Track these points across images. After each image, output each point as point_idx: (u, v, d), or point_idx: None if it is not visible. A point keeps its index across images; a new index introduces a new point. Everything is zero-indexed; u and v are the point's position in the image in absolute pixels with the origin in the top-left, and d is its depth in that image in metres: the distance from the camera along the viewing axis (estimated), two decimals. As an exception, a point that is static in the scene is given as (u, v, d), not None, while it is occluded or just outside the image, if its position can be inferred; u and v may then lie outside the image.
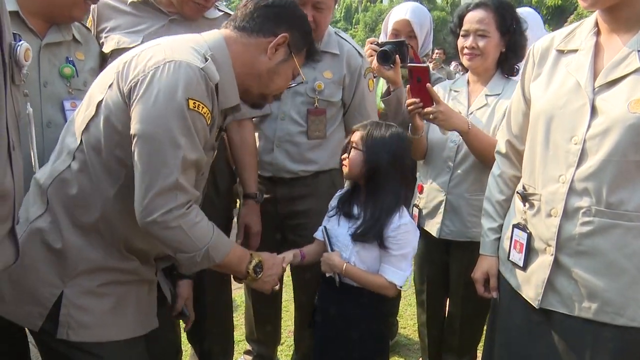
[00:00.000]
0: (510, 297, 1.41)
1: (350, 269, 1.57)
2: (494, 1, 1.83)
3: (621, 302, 1.17)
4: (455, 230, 1.88)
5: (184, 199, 1.17)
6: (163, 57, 1.15)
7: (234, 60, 1.28)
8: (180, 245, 1.20)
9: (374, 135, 1.58)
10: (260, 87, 1.35)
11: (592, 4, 1.17)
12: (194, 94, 1.14)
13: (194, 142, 1.16)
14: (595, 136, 1.17)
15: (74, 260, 1.22)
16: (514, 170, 1.47)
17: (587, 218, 1.19)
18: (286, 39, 1.30)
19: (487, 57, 1.83)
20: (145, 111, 1.12)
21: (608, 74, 1.18)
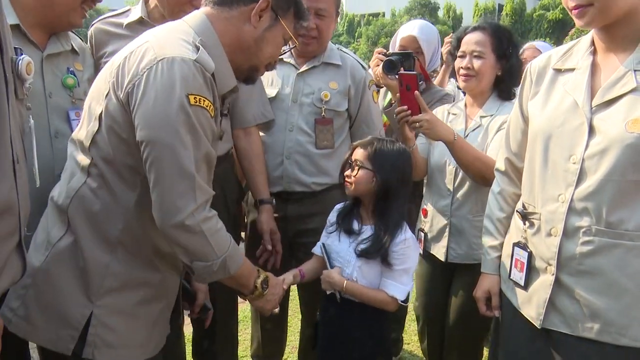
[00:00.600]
0: (512, 315, 1.40)
1: (351, 285, 1.57)
2: (492, 25, 1.87)
3: (623, 322, 1.17)
4: (462, 254, 1.87)
5: (203, 198, 1.15)
6: (154, 56, 1.11)
7: (221, 39, 1.24)
8: (200, 252, 1.17)
9: (381, 153, 1.58)
10: (250, 59, 1.30)
11: (587, 23, 1.17)
12: (193, 89, 1.10)
13: (201, 138, 1.13)
14: (594, 156, 1.17)
15: (100, 278, 1.20)
16: (513, 187, 1.47)
17: (587, 237, 1.19)
18: (268, 3, 1.24)
19: (482, 78, 1.84)
20: (146, 116, 1.09)
21: (605, 93, 1.18)
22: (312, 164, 1.94)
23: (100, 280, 1.20)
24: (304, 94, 1.94)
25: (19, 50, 0.95)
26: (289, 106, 1.95)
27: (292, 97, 1.95)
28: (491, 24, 1.89)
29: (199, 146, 1.13)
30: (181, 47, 1.14)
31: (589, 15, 1.15)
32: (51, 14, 1.48)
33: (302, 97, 1.94)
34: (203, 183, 1.15)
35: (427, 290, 2.04)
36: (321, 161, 1.95)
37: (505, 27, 1.94)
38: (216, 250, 1.18)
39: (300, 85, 1.96)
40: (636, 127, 1.11)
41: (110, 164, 1.18)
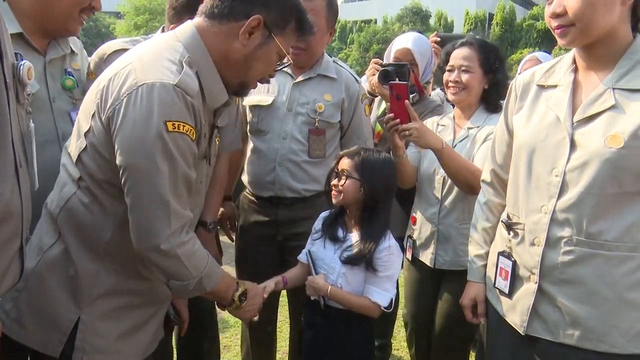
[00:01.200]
0: (497, 323, 1.44)
1: (335, 291, 1.60)
2: (478, 41, 1.95)
3: (603, 329, 1.21)
4: (449, 260, 1.92)
5: (178, 223, 1.16)
6: (135, 81, 1.11)
7: (211, 54, 1.21)
8: (176, 273, 1.21)
9: (368, 163, 1.62)
10: (239, 76, 1.27)
11: (569, 42, 1.23)
12: (171, 115, 1.10)
13: (178, 164, 1.14)
14: (575, 169, 1.21)
15: (89, 286, 1.22)
16: (499, 198, 1.52)
17: (568, 247, 1.23)
18: (260, 21, 1.19)
19: (470, 91, 1.91)
20: (125, 142, 1.11)
21: (585, 109, 1.23)
22: (303, 172, 1.98)
23: (88, 287, 1.22)
24: (299, 104, 1.98)
25: (19, 56, 0.97)
26: (284, 114, 1.98)
27: (288, 106, 1.99)
28: (478, 40, 1.97)
29: (175, 172, 1.14)
30: (163, 70, 1.13)
31: (571, 35, 1.20)
32: (50, 21, 1.50)
33: (297, 106, 1.98)
34: (179, 208, 1.16)
35: (415, 297, 2.08)
36: (312, 169, 1.99)
37: (492, 43, 2.03)
38: (192, 271, 1.21)
39: (295, 95, 2.00)
40: (614, 143, 1.16)
41: (96, 180, 1.20)
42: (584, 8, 1.15)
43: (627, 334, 1.19)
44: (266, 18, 1.20)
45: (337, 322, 1.65)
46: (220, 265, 1.68)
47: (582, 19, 1.17)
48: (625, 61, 1.21)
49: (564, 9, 1.19)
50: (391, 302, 1.61)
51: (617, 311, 1.20)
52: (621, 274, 1.19)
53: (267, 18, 1.20)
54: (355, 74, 2.15)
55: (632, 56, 1.21)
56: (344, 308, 1.62)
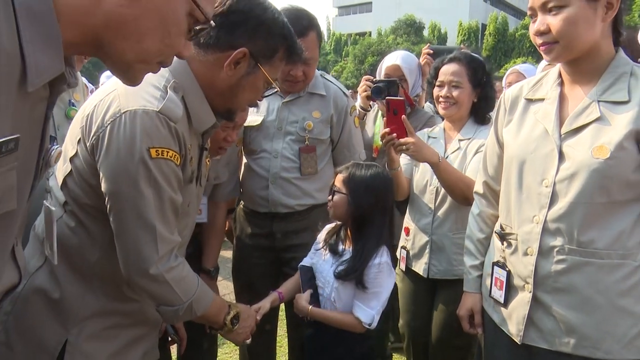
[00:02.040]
0: (494, 332, 1.46)
1: (315, 311, 1.63)
2: (466, 56, 2.00)
3: (597, 336, 1.23)
4: (442, 269, 1.94)
5: (166, 248, 1.16)
6: (118, 108, 1.11)
7: (198, 79, 1.21)
8: (166, 298, 1.20)
9: (356, 178, 1.62)
10: (225, 104, 1.27)
11: (554, 58, 1.27)
12: (154, 142, 1.10)
13: (162, 190, 1.13)
14: (564, 180, 1.25)
15: (75, 308, 1.21)
16: (492, 209, 1.54)
17: (561, 256, 1.26)
18: (245, 53, 1.18)
19: (460, 105, 1.96)
20: (109, 169, 1.11)
21: (572, 122, 1.27)
22: (296, 188, 2.01)
23: (75, 309, 1.21)
24: (288, 123, 2.01)
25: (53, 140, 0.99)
26: (274, 134, 2.02)
27: (277, 125, 2.02)
28: (466, 55, 2.02)
29: (161, 197, 1.14)
30: (146, 97, 1.12)
31: (556, 52, 1.24)
32: None
33: (286, 125, 2.01)
34: (166, 233, 1.16)
35: (411, 308, 2.09)
36: (304, 184, 2.01)
37: (479, 58, 2.08)
38: (182, 296, 1.20)
39: (285, 114, 2.02)
40: (601, 153, 1.19)
41: (81, 204, 1.20)
42: (567, 26, 1.20)
43: (621, 340, 1.21)
44: (252, 49, 1.19)
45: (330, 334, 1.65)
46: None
47: (565, 37, 1.21)
48: (608, 75, 1.25)
49: (547, 27, 1.23)
50: (374, 320, 1.59)
51: (610, 318, 1.22)
52: (613, 281, 1.21)
53: (253, 49, 1.19)
54: (345, 87, 2.19)
55: (615, 70, 1.25)
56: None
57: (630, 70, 1.24)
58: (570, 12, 1.19)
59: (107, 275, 1.23)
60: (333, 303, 1.64)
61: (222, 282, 2.30)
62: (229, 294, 3.06)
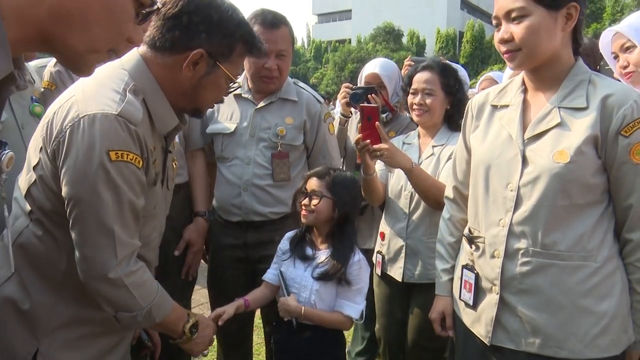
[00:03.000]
0: (465, 334, 1.49)
1: (309, 311, 1.64)
2: (439, 64, 2.05)
3: (561, 336, 1.26)
4: (417, 273, 1.96)
5: (125, 252, 1.15)
6: (77, 112, 1.10)
7: (159, 82, 1.21)
8: (124, 304, 1.18)
9: (339, 183, 1.69)
10: (190, 103, 1.27)
11: (517, 65, 1.31)
12: (113, 145, 1.09)
13: (122, 193, 1.12)
14: (527, 183, 1.28)
15: (46, 318, 1.19)
16: (461, 213, 1.58)
17: (525, 258, 1.29)
18: (202, 54, 1.18)
19: (433, 112, 2.00)
20: (69, 173, 1.10)
21: (534, 127, 1.31)
22: (269, 195, 2.01)
23: (46, 320, 1.19)
24: (261, 129, 2.02)
25: (4, 145, 0.97)
26: (247, 140, 2.02)
27: (250, 131, 2.02)
28: (439, 64, 2.06)
29: (120, 201, 1.13)
30: (105, 101, 1.12)
31: (518, 59, 1.29)
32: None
33: (259, 132, 2.02)
34: (126, 237, 1.15)
35: (387, 312, 2.11)
36: (277, 192, 2.01)
37: (451, 66, 2.13)
38: (141, 301, 1.18)
39: (257, 120, 2.03)
40: (561, 158, 1.23)
41: (46, 212, 1.18)
42: (528, 35, 1.24)
43: (583, 339, 1.25)
44: (209, 49, 1.19)
45: (305, 338, 1.68)
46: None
47: (527, 45, 1.25)
48: (568, 82, 1.30)
49: (510, 35, 1.27)
50: (362, 314, 1.67)
51: (573, 318, 1.26)
52: (575, 282, 1.25)
53: (210, 49, 1.19)
54: (319, 94, 2.21)
55: (574, 77, 1.30)
56: (313, 324, 1.66)
57: (588, 78, 1.29)
58: (532, 21, 1.23)
59: (77, 283, 1.20)
60: (313, 306, 1.66)
61: (200, 291, 2.28)
62: (206, 303, 3.04)
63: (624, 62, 1.77)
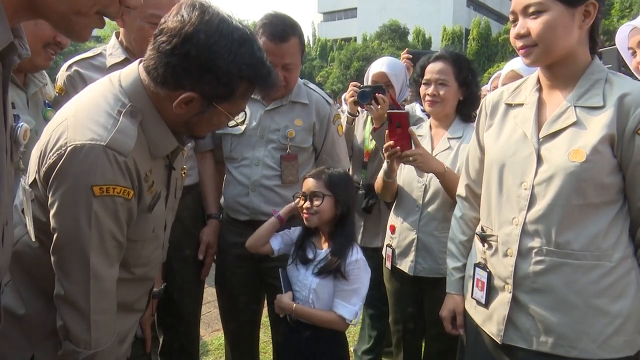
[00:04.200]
0: (476, 333, 1.48)
1: (300, 308, 1.66)
2: (452, 55, 2.02)
3: (574, 336, 1.26)
4: (428, 267, 1.96)
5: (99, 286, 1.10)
6: (65, 141, 1.05)
7: (155, 104, 1.14)
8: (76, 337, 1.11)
9: (337, 180, 1.70)
10: (187, 132, 1.22)
11: (533, 61, 1.31)
12: (98, 180, 1.04)
13: (102, 228, 1.08)
14: (542, 182, 1.28)
15: (41, 324, 1.18)
16: (474, 212, 1.57)
17: (539, 257, 1.29)
18: (193, 97, 1.09)
19: (446, 103, 1.99)
20: (55, 205, 1.07)
21: (550, 126, 1.30)
22: (277, 195, 2.01)
23: (41, 326, 1.18)
24: (270, 131, 2.01)
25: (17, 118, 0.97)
26: (256, 142, 2.02)
27: (259, 133, 2.02)
28: (452, 54, 2.03)
29: (101, 234, 1.08)
30: (95, 128, 1.06)
31: (535, 54, 1.28)
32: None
33: (268, 133, 2.01)
34: (104, 270, 1.11)
35: (399, 306, 2.11)
36: (285, 192, 2.01)
37: (464, 56, 2.11)
38: (92, 342, 1.11)
39: (267, 122, 2.02)
40: (577, 157, 1.23)
41: (40, 224, 1.15)
42: (545, 30, 1.24)
43: (596, 339, 1.24)
44: (201, 92, 1.09)
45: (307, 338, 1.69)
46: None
47: (543, 40, 1.25)
48: (584, 81, 1.29)
49: (527, 30, 1.27)
50: (357, 316, 1.66)
51: (586, 318, 1.25)
52: (588, 282, 1.24)
53: (203, 92, 1.09)
54: (328, 96, 2.20)
55: (590, 76, 1.29)
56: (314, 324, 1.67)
57: (605, 76, 1.28)
58: (549, 16, 1.23)
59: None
60: (312, 305, 1.67)
61: (207, 290, 2.29)
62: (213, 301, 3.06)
63: None
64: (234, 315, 2.19)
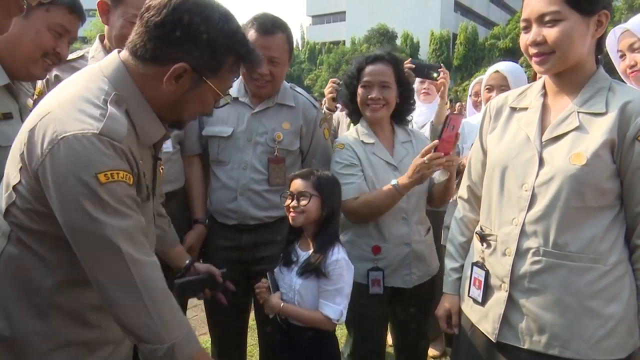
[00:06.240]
0: (471, 331, 1.50)
1: (287, 307, 1.67)
2: (391, 56, 1.98)
3: (567, 336, 1.28)
4: (422, 274, 1.96)
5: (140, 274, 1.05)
6: (55, 134, 0.99)
7: (141, 90, 1.11)
8: (144, 334, 1.05)
9: (325, 181, 1.71)
10: (172, 116, 1.19)
11: (548, 69, 1.32)
12: (101, 167, 1.00)
13: (119, 212, 1.03)
14: (543, 184, 1.30)
15: (32, 345, 1.11)
16: (474, 214, 1.59)
17: (536, 257, 1.31)
18: (185, 69, 1.08)
19: (390, 106, 1.95)
20: (57, 203, 1.01)
21: (553, 130, 1.33)
22: (264, 200, 2.01)
23: (33, 346, 1.11)
24: (258, 134, 2.00)
25: None
26: (243, 145, 2.00)
27: (247, 136, 2.01)
28: (389, 54, 1.98)
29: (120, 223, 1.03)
30: (84, 118, 1.01)
31: (551, 62, 1.29)
32: (12, 64, 1.45)
33: (256, 136, 2.00)
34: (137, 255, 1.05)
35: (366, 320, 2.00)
36: (272, 196, 2.00)
37: (400, 58, 2.09)
38: (163, 334, 1.06)
39: (254, 125, 2.01)
40: (578, 160, 1.25)
41: (30, 231, 1.09)
42: (563, 38, 1.25)
43: (589, 341, 1.26)
44: (193, 63, 1.08)
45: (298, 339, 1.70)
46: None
47: (561, 47, 1.26)
48: (588, 88, 1.31)
49: (543, 38, 1.28)
50: (342, 315, 1.66)
51: (579, 319, 1.27)
52: (583, 284, 1.27)
53: (194, 63, 1.08)
54: (314, 99, 2.20)
55: (595, 84, 1.31)
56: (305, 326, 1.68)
57: (609, 85, 1.31)
58: (566, 25, 1.24)
59: (65, 303, 1.13)
60: (292, 306, 1.68)
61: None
62: (200, 305, 3.03)
63: (631, 61, 1.78)
64: (220, 319, 2.18)
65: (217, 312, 2.16)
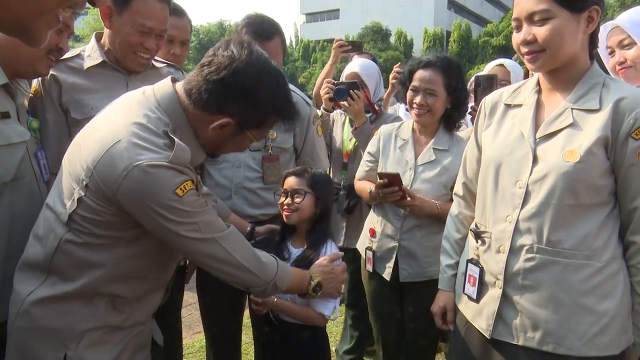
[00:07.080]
0: (465, 328, 1.50)
1: (280, 303, 1.66)
2: (443, 62, 1.95)
3: (561, 332, 1.28)
4: (413, 273, 1.96)
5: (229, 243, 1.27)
6: (129, 161, 1.11)
7: (189, 122, 1.23)
8: (253, 284, 1.34)
9: (319, 179, 1.72)
10: (210, 150, 1.32)
11: (539, 67, 1.32)
12: (177, 184, 1.13)
13: (199, 212, 1.19)
14: (536, 181, 1.30)
15: (74, 326, 1.22)
16: (469, 211, 1.59)
17: (530, 254, 1.31)
18: (230, 123, 1.21)
19: (434, 113, 1.96)
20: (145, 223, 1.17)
21: (547, 127, 1.33)
22: (259, 198, 2.01)
23: (74, 327, 1.22)
24: None
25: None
26: None
27: None
28: (442, 60, 1.96)
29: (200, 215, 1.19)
30: (153, 147, 1.13)
31: (541, 60, 1.29)
32: (17, 62, 1.45)
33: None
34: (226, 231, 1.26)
35: (381, 312, 2.13)
36: (267, 194, 2.00)
37: (455, 62, 2.04)
38: (266, 279, 1.34)
39: None
40: (571, 157, 1.25)
41: (88, 232, 1.20)
42: (553, 36, 1.25)
43: (582, 337, 1.27)
44: (239, 119, 1.22)
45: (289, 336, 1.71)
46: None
47: (551, 46, 1.26)
48: (582, 84, 1.31)
49: (533, 36, 1.27)
50: (335, 311, 1.68)
51: (573, 315, 1.28)
52: (577, 280, 1.27)
53: (239, 119, 1.22)
54: (308, 97, 2.21)
55: (589, 80, 1.31)
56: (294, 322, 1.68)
57: (602, 81, 1.31)
58: (556, 23, 1.24)
59: (107, 292, 1.25)
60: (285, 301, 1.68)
61: (187, 292, 2.27)
62: (195, 303, 3.02)
63: (620, 57, 1.78)
64: (215, 317, 2.17)
65: (212, 311, 2.15)
